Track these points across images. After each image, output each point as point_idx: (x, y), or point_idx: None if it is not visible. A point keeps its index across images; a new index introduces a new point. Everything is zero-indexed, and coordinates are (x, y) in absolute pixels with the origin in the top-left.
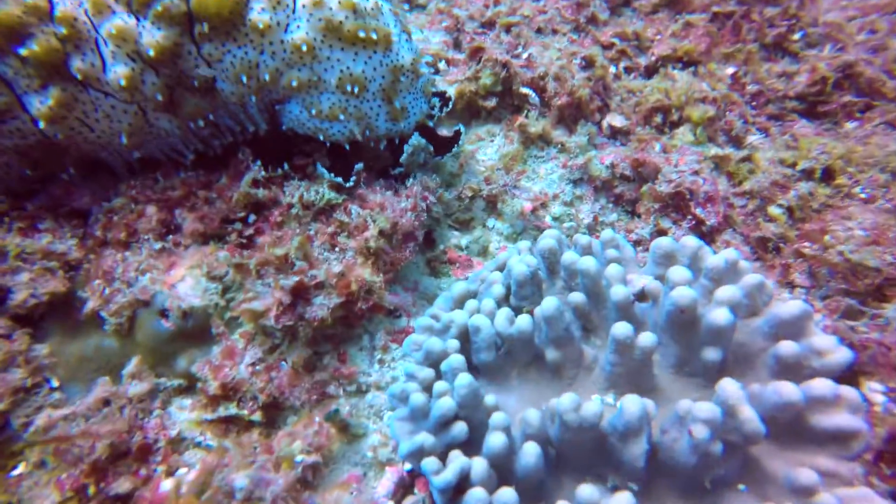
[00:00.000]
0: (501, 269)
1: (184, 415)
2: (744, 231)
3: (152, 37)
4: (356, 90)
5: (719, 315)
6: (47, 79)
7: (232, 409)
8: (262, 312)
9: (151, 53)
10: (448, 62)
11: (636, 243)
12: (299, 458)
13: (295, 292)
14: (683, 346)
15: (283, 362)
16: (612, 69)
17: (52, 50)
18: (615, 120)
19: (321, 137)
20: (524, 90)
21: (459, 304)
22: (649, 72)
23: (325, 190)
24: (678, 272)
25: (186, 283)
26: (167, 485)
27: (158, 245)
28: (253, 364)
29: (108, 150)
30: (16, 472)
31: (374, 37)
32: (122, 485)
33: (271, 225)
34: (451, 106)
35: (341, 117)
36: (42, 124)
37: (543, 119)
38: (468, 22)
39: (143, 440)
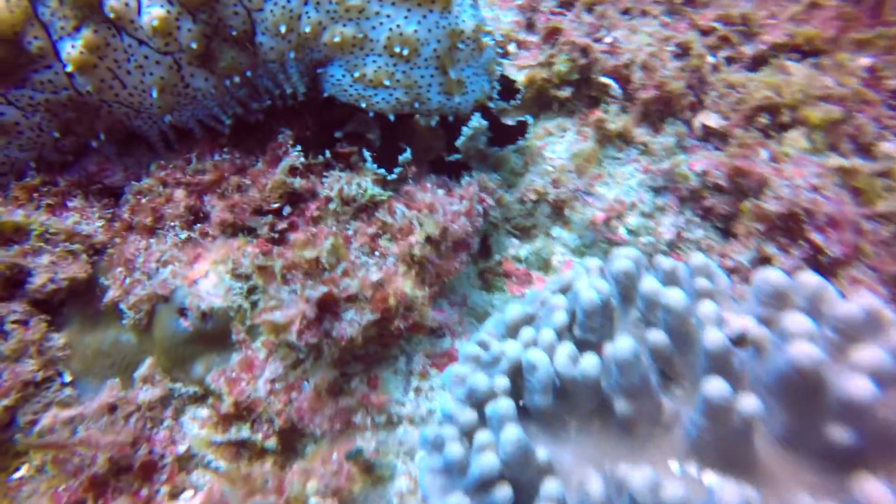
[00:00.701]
0: (565, 291)
1: (195, 428)
2: (878, 265)
3: None
4: (406, 52)
5: (857, 387)
6: (82, 20)
7: (245, 432)
8: (283, 325)
9: None
10: (519, 44)
11: (731, 271)
12: (313, 500)
13: (322, 305)
14: (798, 417)
15: (305, 382)
16: (711, 59)
17: None
18: (710, 119)
19: (363, 105)
20: (605, 80)
21: (513, 331)
22: (756, 63)
23: (369, 184)
24: (797, 321)
25: (209, 279)
26: None
27: (184, 234)
28: (272, 381)
29: (141, 114)
30: (17, 475)
31: None
32: None
33: (306, 220)
34: (519, 98)
35: (387, 83)
36: (70, 67)
37: (625, 114)
38: (545, 1)
39: (149, 455)
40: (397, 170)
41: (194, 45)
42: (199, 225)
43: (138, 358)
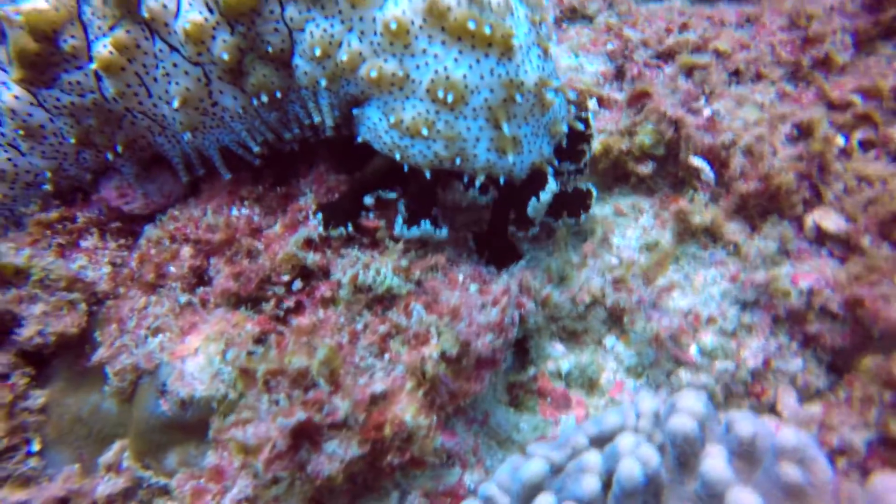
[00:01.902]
0: (604, 442)
1: None
2: None
3: None
4: (451, 99)
5: None
6: (119, 18)
7: None
8: (252, 448)
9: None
10: (601, 101)
11: (834, 453)
12: None
13: (299, 433)
14: None
15: None
16: (841, 140)
17: None
18: (828, 220)
19: (398, 157)
20: (696, 161)
21: (529, 495)
22: None
23: (389, 272)
24: None
25: (198, 359)
26: None
27: (184, 298)
28: (239, 503)
29: (165, 130)
30: None
31: (488, 33)
32: None
33: (315, 301)
34: (585, 165)
35: (425, 132)
36: (96, 64)
37: (714, 206)
38: (640, 49)
39: None
40: (423, 227)
41: (226, 57)
42: (201, 289)
43: (116, 431)
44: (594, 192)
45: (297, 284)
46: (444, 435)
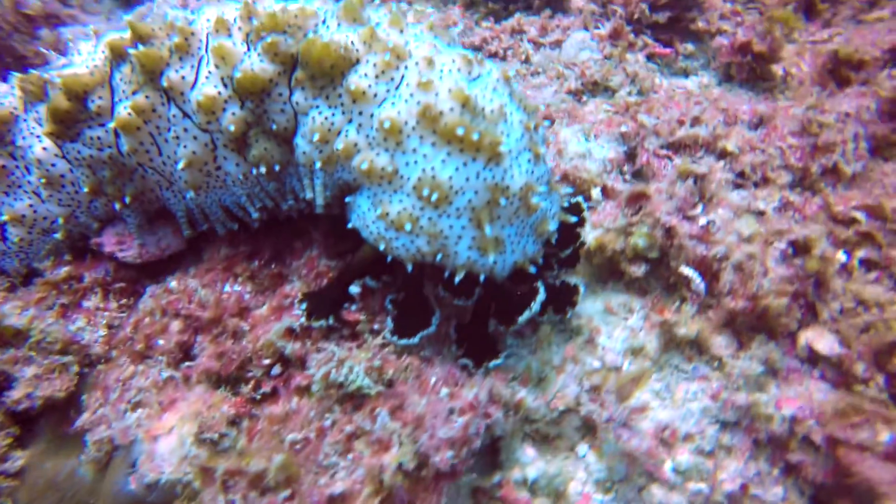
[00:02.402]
0: None
1: None
2: None
3: (252, 66)
4: (435, 199)
5: None
6: (142, 85)
7: None
8: None
9: (239, 75)
10: (605, 191)
11: None
12: None
13: None
14: None
15: None
16: (843, 257)
17: (157, 58)
18: (822, 342)
19: (382, 248)
20: (686, 271)
21: None
22: None
23: (360, 373)
24: None
25: (170, 439)
26: None
27: (167, 373)
28: None
29: (172, 186)
30: None
31: (476, 139)
32: None
33: (290, 391)
34: (577, 258)
35: (408, 227)
36: (114, 124)
37: (703, 318)
38: (651, 137)
39: None
40: (412, 340)
41: (232, 129)
42: (185, 364)
43: (87, 500)
44: (581, 289)
45: (277, 370)
46: None
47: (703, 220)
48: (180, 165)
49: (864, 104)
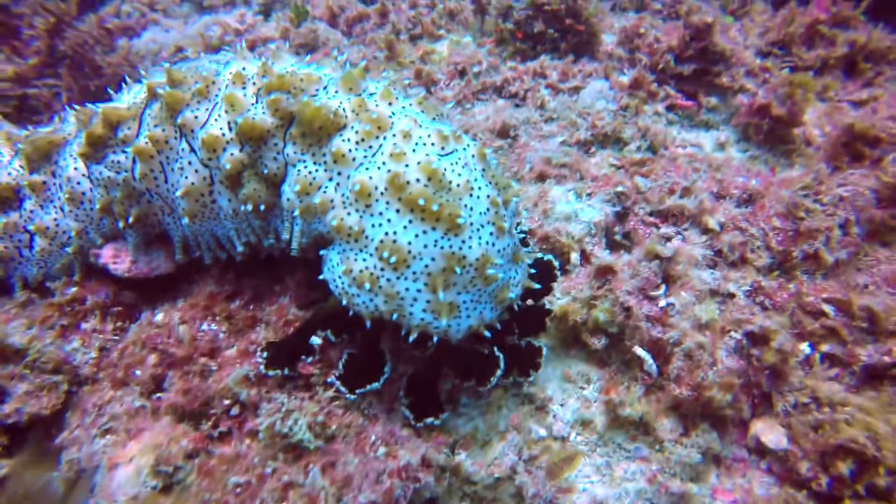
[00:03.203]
0: None
1: None
2: None
3: (254, 116)
4: (393, 261)
5: None
6: (162, 120)
7: None
8: None
9: (241, 121)
10: (584, 256)
11: None
12: None
13: None
14: None
15: None
16: (807, 349)
17: (180, 99)
18: (770, 435)
19: (344, 303)
20: (639, 352)
21: None
22: (869, 379)
23: (303, 427)
24: None
25: (129, 468)
26: None
27: (139, 403)
28: None
29: (173, 213)
30: None
31: (435, 209)
32: None
33: (242, 434)
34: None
35: (367, 287)
36: (131, 150)
37: (650, 401)
38: (642, 203)
39: None
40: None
41: (227, 167)
42: (156, 395)
43: None
44: (544, 352)
45: (235, 411)
46: None
47: (662, 302)
48: (178, 193)
49: (864, 187)
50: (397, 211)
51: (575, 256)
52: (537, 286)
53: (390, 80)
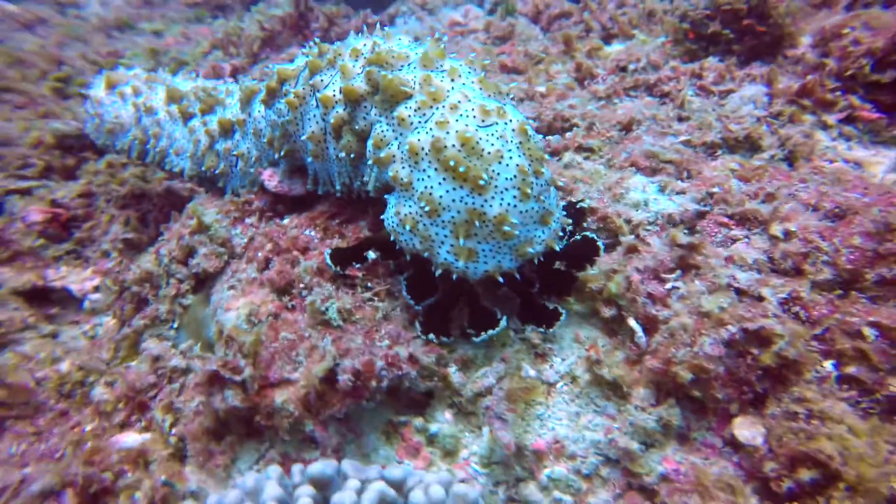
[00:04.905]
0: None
1: None
2: None
3: (354, 83)
4: (428, 210)
5: None
6: (305, 81)
7: None
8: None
9: (344, 86)
10: (637, 240)
11: None
12: None
13: (212, 379)
14: None
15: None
16: (829, 367)
17: (318, 65)
18: (746, 431)
19: (392, 238)
20: (632, 324)
21: None
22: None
23: (333, 310)
24: None
25: (233, 313)
26: None
27: (253, 275)
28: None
29: (305, 153)
30: None
31: (462, 171)
32: None
33: (302, 308)
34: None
35: (408, 227)
36: (284, 100)
37: (631, 369)
38: (721, 204)
39: None
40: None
41: (331, 121)
42: (266, 272)
43: (201, 325)
44: (563, 317)
45: (305, 293)
46: (317, 427)
47: (669, 285)
48: (304, 137)
49: None
50: (435, 169)
51: (625, 240)
52: (558, 247)
53: (466, 61)
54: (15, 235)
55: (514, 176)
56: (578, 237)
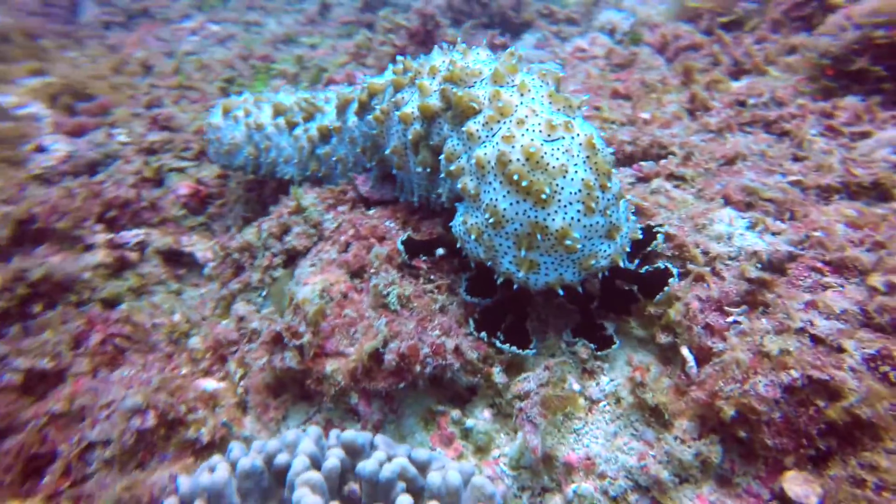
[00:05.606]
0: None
1: None
2: None
3: (430, 100)
4: (492, 221)
5: None
6: (390, 97)
7: None
8: (260, 333)
9: (420, 104)
10: (712, 272)
11: None
12: None
13: (276, 338)
14: None
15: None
16: None
17: (400, 83)
18: (799, 488)
19: (459, 245)
20: (685, 353)
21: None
22: None
23: (393, 295)
24: None
25: (309, 287)
26: None
27: (334, 255)
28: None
29: (393, 163)
30: None
31: (525, 185)
32: None
33: (368, 289)
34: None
35: (473, 237)
36: (372, 114)
37: (676, 397)
38: (818, 248)
39: None
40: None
41: (410, 136)
42: (343, 254)
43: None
44: (616, 343)
45: (374, 277)
46: (362, 401)
47: (731, 318)
48: (388, 150)
49: None
50: (500, 183)
51: (695, 268)
52: (625, 265)
53: (539, 74)
54: (166, 204)
55: (579, 190)
56: (661, 265)
